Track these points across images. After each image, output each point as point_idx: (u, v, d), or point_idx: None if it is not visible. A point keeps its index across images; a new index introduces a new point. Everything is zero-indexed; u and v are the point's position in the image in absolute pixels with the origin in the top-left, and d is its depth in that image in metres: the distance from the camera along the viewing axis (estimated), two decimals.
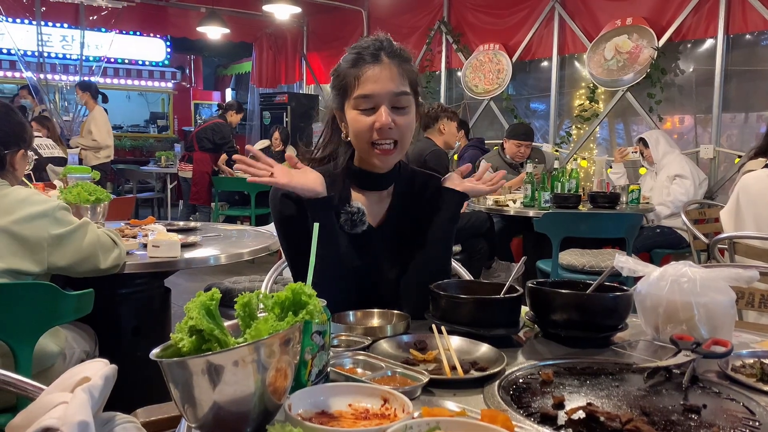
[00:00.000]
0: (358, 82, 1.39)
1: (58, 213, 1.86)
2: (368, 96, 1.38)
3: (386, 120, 1.37)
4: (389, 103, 1.39)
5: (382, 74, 1.38)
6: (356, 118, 1.41)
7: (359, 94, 1.39)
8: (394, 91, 1.39)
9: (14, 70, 9.80)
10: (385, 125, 1.37)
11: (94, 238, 1.92)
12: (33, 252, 1.81)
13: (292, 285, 0.85)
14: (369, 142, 1.41)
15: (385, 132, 1.39)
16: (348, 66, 1.42)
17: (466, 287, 1.39)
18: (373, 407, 0.85)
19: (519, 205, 4.32)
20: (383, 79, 1.38)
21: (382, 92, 1.38)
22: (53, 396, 0.70)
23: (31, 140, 2.04)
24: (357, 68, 1.40)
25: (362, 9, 8.26)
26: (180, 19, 9.30)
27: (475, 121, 6.95)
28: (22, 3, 8.27)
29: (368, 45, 1.41)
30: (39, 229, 1.81)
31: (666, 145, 4.72)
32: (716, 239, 2.74)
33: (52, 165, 4.67)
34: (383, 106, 1.38)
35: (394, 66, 1.40)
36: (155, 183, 9.19)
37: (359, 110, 1.40)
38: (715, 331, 1.20)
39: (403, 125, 1.41)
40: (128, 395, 1.08)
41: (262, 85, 10.42)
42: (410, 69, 1.44)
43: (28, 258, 1.80)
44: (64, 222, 1.87)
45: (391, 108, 1.39)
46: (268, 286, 1.95)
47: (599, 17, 5.86)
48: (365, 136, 1.41)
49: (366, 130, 1.40)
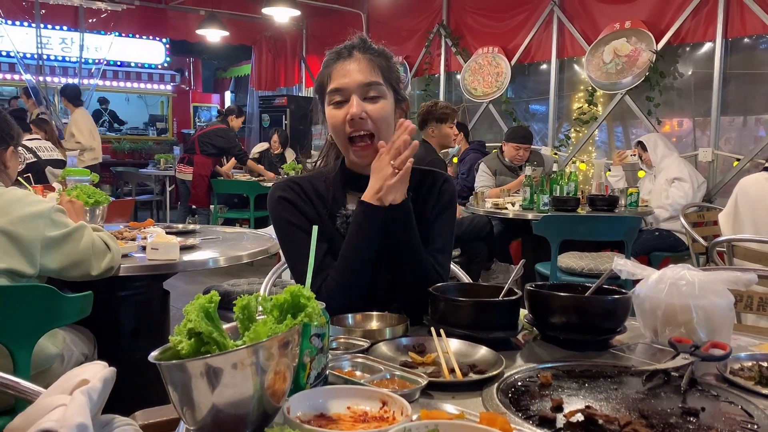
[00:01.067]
0: (330, 78, 1.42)
1: (54, 215, 1.84)
2: (339, 89, 1.40)
3: (356, 110, 1.38)
4: (360, 94, 1.40)
5: (351, 67, 1.41)
6: (331, 113, 1.43)
7: (331, 88, 1.42)
8: (363, 82, 1.40)
9: (13, 73, 9.79)
10: (355, 115, 1.38)
11: (89, 243, 1.90)
12: (26, 253, 1.79)
13: (291, 287, 0.85)
14: (346, 137, 1.42)
15: (358, 123, 1.39)
16: (324, 67, 1.46)
17: (465, 290, 1.39)
18: (371, 410, 0.85)
19: (518, 208, 4.33)
20: (352, 71, 1.40)
21: (351, 84, 1.40)
22: (52, 398, 0.70)
23: (19, 137, 2.02)
24: (331, 66, 1.43)
25: (361, 12, 8.27)
26: (179, 21, 9.32)
27: (474, 124, 6.96)
28: (22, 5, 8.28)
29: (344, 45, 1.45)
30: (34, 230, 1.79)
31: (664, 148, 4.73)
32: (715, 242, 2.75)
33: (51, 167, 4.67)
34: (354, 96, 1.39)
35: (364, 59, 1.42)
36: (154, 185, 9.18)
37: (333, 105, 1.42)
38: (713, 334, 1.20)
39: (375, 115, 1.40)
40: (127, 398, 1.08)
41: (261, 88, 10.43)
42: (384, 62, 1.45)
43: (21, 259, 1.79)
44: (60, 224, 1.86)
45: (363, 99, 1.40)
46: (266, 289, 1.95)
47: (598, 20, 5.87)
48: (341, 130, 1.42)
49: (340, 124, 1.41)
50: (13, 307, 1.67)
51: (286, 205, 1.46)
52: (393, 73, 1.46)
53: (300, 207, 1.46)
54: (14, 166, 2.01)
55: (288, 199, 1.46)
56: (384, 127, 1.43)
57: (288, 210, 1.46)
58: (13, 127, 1.99)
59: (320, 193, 1.50)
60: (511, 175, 5.06)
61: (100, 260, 1.93)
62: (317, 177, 1.53)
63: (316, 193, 1.49)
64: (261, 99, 9.71)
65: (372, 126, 1.40)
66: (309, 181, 1.51)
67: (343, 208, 1.48)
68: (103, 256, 1.94)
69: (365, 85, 1.40)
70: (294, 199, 1.46)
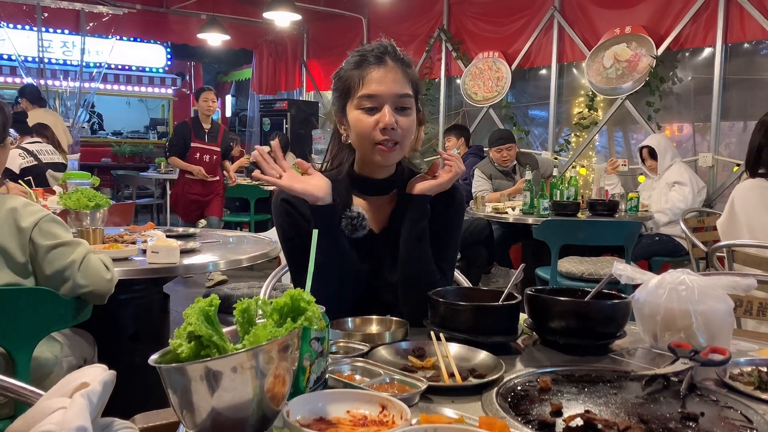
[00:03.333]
0: (362, 82, 1.41)
1: (44, 225, 1.76)
2: (373, 96, 1.40)
3: (390, 120, 1.38)
4: (392, 104, 1.41)
5: (387, 76, 1.41)
6: (359, 118, 1.42)
7: (364, 93, 1.41)
8: (398, 93, 1.41)
9: (15, 76, 9.81)
10: (388, 125, 1.38)
11: (78, 258, 1.78)
12: (19, 265, 1.73)
13: (291, 291, 0.85)
14: (372, 142, 1.42)
15: (389, 132, 1.40)
16: (351, 68, 1.44)
17: (465, 294, 1.39)
18: (371, 414, 0.85)
19: (518, 213, 4.33)
20: (388, 80, 1.40)
21: (386, 93, 1.40)
22: (52, 401, 0.70)
23: (4, 132, 1.89)
24: (361, 69, 1.42)
25: (362, 16, 8.29)
26: (180, 25, 9.33)
27: (474, 128, 6.97)
28: (23, 9, 8.29)
29: (372, 48, 1.44)
30: (23, 241, 1.73)
31: (672, 156, 4.70)
32: (714, 247, 2.75)
33: (52, 171, 4.67)
34: (386, 106, 1.40)
35: (398, 69, 1.42)
36: (154, 189, 9.19)
37: (362, 109, 1.42)
38: (713, 339, 1.20)
39: (405, 127, 1.42)
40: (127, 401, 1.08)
41: (262, 92, 10.44)
42: (413, 73, 1.47)
43: (12, 272, 1.73)
44: (50, 235, 1.77)
45: (394, 109, 1.41)
46: (266, 293, 1.95)
47: (598, 26, 5.88)
48: (368, 135, 1.42)
49: (369, 130, 1.41)
50: (13, 311, 1.67)
51: (289, 208, 1.47)
52: (418, 83, 1.49)
53: (303, 210, 1.46)
54: (1, 161, 1.91)
55: (291, 203, 1.46)
56: (409, 136, 1.46)
57: (291, 213, 1.46)
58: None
59: None
60: (506, 179, 5.08)
61: (92, 278, 1.79)
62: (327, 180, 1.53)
63: None
64: (262, 103, 9.72)
65: (400, 135, 1.42)
66: None
67: (348, 210, 1.48)
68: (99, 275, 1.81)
69: (399, 96, 1.41)
70: (297, 202, 1.46)
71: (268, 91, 10.38)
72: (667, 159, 4.66)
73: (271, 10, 6.78)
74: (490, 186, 5.05)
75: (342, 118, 1.48)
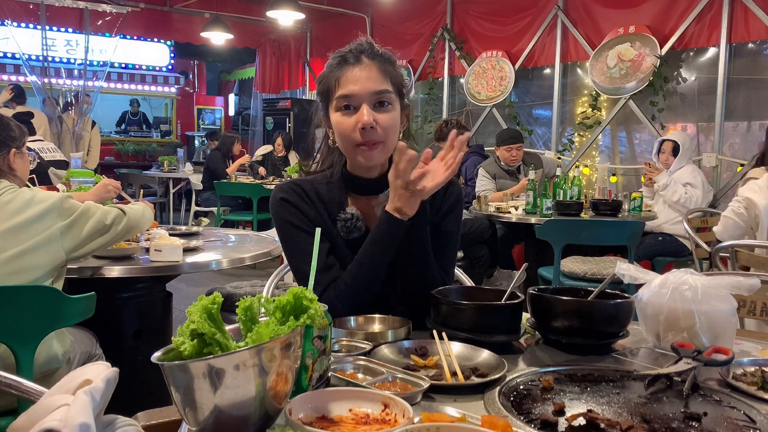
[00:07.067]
0: (338, 83, 1.40)
1: (63, 203, 1.90)
2: (348, 95, 1.38)
3: (368, 119, 1.36)
4: (370, 102, 1.38)
5: (362, 74, 1.38)
6: (339, 120, 1.41)
7: (341, 94, 1.39)
8: (374, 90, 1.38)
9: (18, 74, 9.83)
10: (366, 124, 1.36)
11: (101, 215, 1.97)
12: (50, 248, 1.85)
13: (294, 289, 0.85)
14: (353, 143, 1.40)
15: (368, 132, 1.38)
16: (329, 70, 1.43)
17: (468, 293, 1.39)
18: (373, 412, 0.85)
19: (521, 212, 4.32)
20: (363, 78, 1.38)
21: (362, 92, 1.38)
22: (55, 398, 0.70)
23: (22, 137, 2.02)
24: (338, 70, 1.40)
25: (365, 15, 8.29)
26: (184, 24, 9.34)
27: (477, 127, 6.97)
28: (27, 8, 8.31)
29: (351, 48, 1.42)
30: (48, 224, 1.85)
31: (690, 155, 4.65)
32: (718, 247, 2.74)
33: (54, 168, 4.69)
34: (364, 104, 1.38)
35: (374, 66, 1.40)
36: (158, 187, 9.20)
37: (341, 111, 1.40)
38: (716, 339, 1.20)
39: (385, 124, 1.39)
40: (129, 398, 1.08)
41: (265, 91, 10.45)
42: (392, 69, 1.44)
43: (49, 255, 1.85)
44: (69, 211, 1.91)
45: (373, 107, 1.39)
46: (269, 291, 1.96)
47: (602, 25, 5.87)
48: (349, 136, 1.40)
49: (350, 131, 1.39)
50: (17, 308, 1.68)
51: (287, 206, 1.46)
52: (399, 79, 1.46)
53: (302, 208, 1.46)
54: (22, 167, 2.01)
55: (290, 201, 1.46)
56: (392, 134, 1.42)
57: (290, 211, 1.46)
58: (12, 130, 1.98)
59: (321, 196, 1.50)
60: (510, 179, 5.07)
61: (117, 225, 2.01)
62: (319, 179, 1.53)
63: (317, 196, 1.50)
64: (265, 102, 9.73)
65: (381, 134, 1.40)
66: (311, 183, 1.52)
67: (342, 211, 1.48)
68: (120, 221, 2.02)
69: (376, 94, 1.39)
70: (296, 201, 1.46)
71: (271, 90, 10.39)
72: (685, 158, 4.63)
73: (275, 9, 6.78)
74: (493, 185, 5.05)
75: (327, 120, 1.47)
